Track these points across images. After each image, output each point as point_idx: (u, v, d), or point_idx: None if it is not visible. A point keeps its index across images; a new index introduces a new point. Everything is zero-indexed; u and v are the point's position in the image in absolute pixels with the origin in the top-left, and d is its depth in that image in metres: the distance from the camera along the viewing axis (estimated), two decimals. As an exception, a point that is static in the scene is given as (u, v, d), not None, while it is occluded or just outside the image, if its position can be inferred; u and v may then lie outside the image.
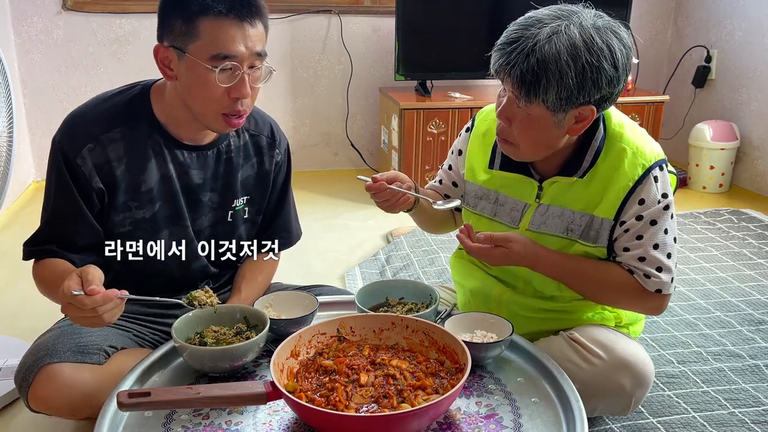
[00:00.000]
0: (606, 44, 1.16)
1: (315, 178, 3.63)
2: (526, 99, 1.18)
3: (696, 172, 3.53)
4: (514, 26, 1.19)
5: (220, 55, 1.21)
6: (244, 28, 1.22)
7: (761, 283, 2.36)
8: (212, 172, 1.39)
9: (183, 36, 1.21)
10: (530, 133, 1.23)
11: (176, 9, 1.22)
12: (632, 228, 1.29)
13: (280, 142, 1.49)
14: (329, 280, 2.36)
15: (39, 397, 1.22)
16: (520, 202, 1.38)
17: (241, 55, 1.22)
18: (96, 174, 1.28)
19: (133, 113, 1.31)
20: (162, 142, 1.32)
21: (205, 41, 1.21)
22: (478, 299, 1.48)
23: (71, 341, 1.27)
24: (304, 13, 3.48)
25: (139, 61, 3.34)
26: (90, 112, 1.32)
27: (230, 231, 1.45)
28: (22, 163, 3.21)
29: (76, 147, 1.27)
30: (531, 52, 1.14)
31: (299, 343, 1.17)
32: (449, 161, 1.55)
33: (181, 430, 1.06)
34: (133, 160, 1.30)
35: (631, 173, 1.27)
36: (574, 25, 1.16)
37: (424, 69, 3.32)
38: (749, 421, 1.55)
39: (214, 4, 1.20)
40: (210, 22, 1.20)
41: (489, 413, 1.10)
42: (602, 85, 1.17)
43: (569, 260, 1.33)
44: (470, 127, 1.50)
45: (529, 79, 1.15)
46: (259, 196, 1.48)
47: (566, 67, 1.14)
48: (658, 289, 1.29)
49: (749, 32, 3.44)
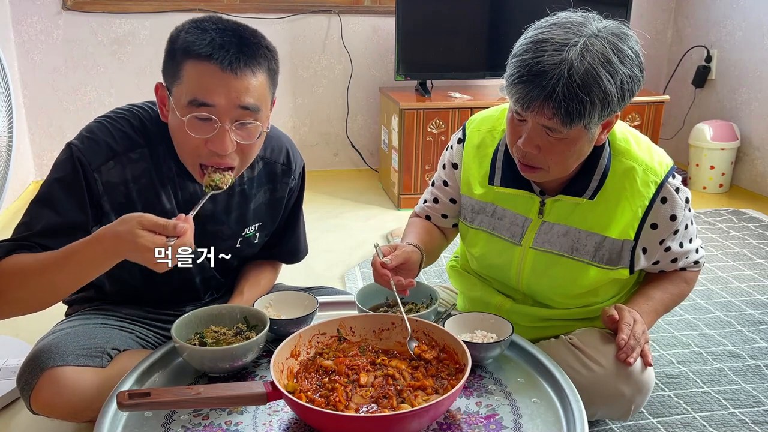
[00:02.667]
0: (631, 49, 1.13)
1: (315, 178, 3.63)
2: (567, 125, 1.12)
3: (696, 172, 3.53)
4: (531, 53, 1.11)
5: (195, 101, 1.12)
6: (226, 78, 1.11)
7: (761, 283, 2.35)
8: (223, 206, 1.35)
9: (170, 77, 1.15)
10: (564, 155, 1.19)
11: (168, 46, 1.16)
12: (673, 243, 1.34)
13: (296, 167, 1.43)
14: (329, 280, 2.36)
15: (41, 400, 1.21)
16: (520, 216, 1.36)
17: (220, 106, 1.12)
18: (107, 192, 1.22)
19: (153, 136, 1.25)
20: (175, 170, 1.27)
21: (186, 85, 1.12)
22: (478, 307, 1.48)
23: (74, 344, 1.26)
24: (304, 13, 3.48)
25: (138, 61, 3.34)
26: (113, 126, 1.24)
27: (237, 255, 1.43)
28: (22, 163, 3.21)
29: (97, 160, 1.21)
30: (570, 77, 1.08)
31: (299, 343, 1.17)
32: (443, 177, 1.48)
33: (181, 430, 1.06)
34: (149, 183, 1.25)
35: (645, 192, 1.27)
36: (595, 38, 1.11)
37: (424, 69, 3.32)
38: (749, 421, 1.55)
39: (196, 45, 1.10)
40: (192, 65, 1.11)
41: (489, 413, 1.10)
42: (635, 92, 1.16)
43: (657, 301, 1.39)
44: (462, 138, 1.44)
45: (574, 107, 1.09)
46: (270, 221, 1.45)
47: (608, 84, 1.10)
48: (695, 261, 1.44)
49: (749, 32, 3.44)
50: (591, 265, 1.31)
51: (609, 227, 1.29)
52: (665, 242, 1.33)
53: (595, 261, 1.31)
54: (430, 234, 1.48)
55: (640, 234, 1.29)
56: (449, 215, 1.50)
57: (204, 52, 1.10)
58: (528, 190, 1.33)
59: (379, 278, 1.24)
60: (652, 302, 1.38)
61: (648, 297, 1.39)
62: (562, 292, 1.37)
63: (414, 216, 1.56)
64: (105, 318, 1.36)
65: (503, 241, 1.38)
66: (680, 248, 1.36)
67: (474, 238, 1.43)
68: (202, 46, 1.10)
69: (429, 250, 1.41)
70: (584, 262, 1.32)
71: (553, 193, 1.32)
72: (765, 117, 3.39)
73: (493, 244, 1.40)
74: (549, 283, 1.36)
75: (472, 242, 1.45)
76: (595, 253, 1.31)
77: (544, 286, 1.38)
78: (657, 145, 1.35)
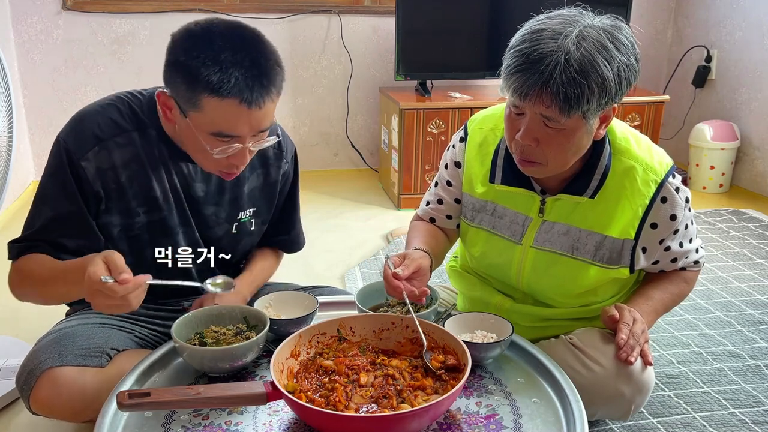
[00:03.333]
0: (626, 38, 1.14)
1: (315, 178, 3.63)
2: (565, 114, 1.11)
3: (696, 172, 3.53)
4: (528, 43, 1.11)
5: (221, 133, 1.15)
6: (251, 113, 1.13)
7: (761, 283, 2.36)
8: (216, 186, 1.36)
9: (185, 101, 1.14)
10: (563, 147, 1.18)
11: (181, 72, 1.12)
12: (673, 243, 1.34)
13: (287, 150, 1.46)
14: (329, 280, 2.36)
15: (41, 400, 1.21)
16: (520, 214, 1.35)
17: (244, 134, 1.16)
18: (98, 178, 1.24)
19: (142, 120, 1.27)
20: (167, 153, 1.29)
21: (207, 118, 1.14)
22: (478, 307, 1.47)
23: (73, 344, 1.26)
24: (304, 13, 3.48)
25: (138, 61, 3.34)
26: (98, 114, 1.26)
27: (235, 243, 1.44)
28: (22, 163, 3.21)
29: (82, 148, 1.23)
30: (567, 64, 1.08)
31: (299, 343, 1.17)
32: (447, 177, 1.47)
33: (181, 430, 1.06)
34: (141, 166, 1.27)
35: (646, 191, 1.27)
36: (591, 28, 1.12)
37: (424, 69, 3.32)
38: (749, 421, 1.55)
39: (222, 87, 1.09)
40: (216, 102, 1.11)
41: (489, 413, 1.10)
42: (632, 81, 1.16)
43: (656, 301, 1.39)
44: (464, 137, 1.44)
45: (572, 92, 1.09)
46: (266, 208, 1.46)
47: (606, 69, 1.10)
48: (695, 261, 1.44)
49: (749, 32, 3.44)
50: (591, 264, 1.31)
51: (609, 226, 1.29)
52: (665, 242, 1.33)
53: (596, 260, 1.31)
54: (436, 238, 1.47)
55: (640, 233, 1.29)
56: (454, 216, 1.49)
57: (232, 95, 1.10)
58: (529, 189, 1.33)
59: (392, 291, 1.22)
60: (652, 302, 1.38)
61: (648, 297, 1.39)
62: (563, 292, 1.37)
63: (416, 219, 1.55)
64: (104, 318, 1.36)
65: (504, 240, 1.38)
66: (680, 248, 1.36)
67: (474, 237, 1.43)
68: (228, 88, 1.10)
69: (436, 253, 1.40)
70: (585, 261, 1.32)
71: (554, 192, 1.32)
72: (765, 117, 3.39)
73: (493, 243, 1.40)
74: (549, 283, 1.36)
75: (472, 241, 1.45)
76: (595, 253, 1.31)
77: (544, 286, 1.38)
78: (657, 145, 1.35)
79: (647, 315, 1.35)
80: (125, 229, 1.31)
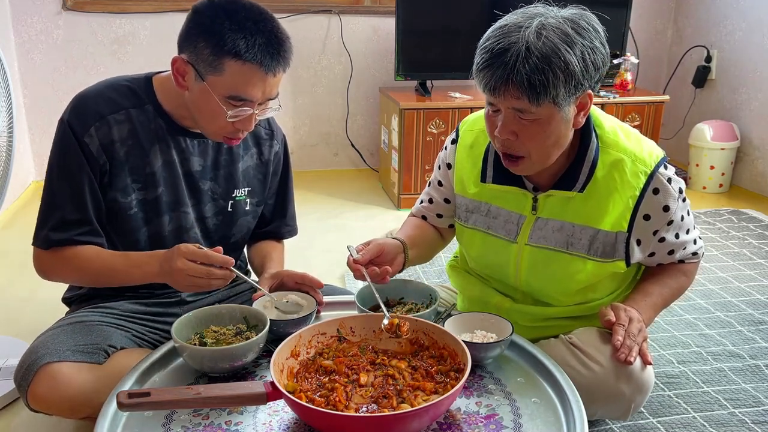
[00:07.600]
0: (590, 25, 1.17)
1: (315, 178, 3.63)
2: (535, 102, 1.14)
3: (696, 172, 3.53)
4: (492, 39, 1.16)
5: (237, 97, 1.24)
6: (266, 78, 1.24)
7: (761, 283, 2.36)
8: (212, 160, 1.42)
9: (206, 65, 1.22)
10: (540, 137, 1.20)
11: (207, 37, 1.21)
12: (668, 234, 1.33)
13: (277, 133, 1.53)
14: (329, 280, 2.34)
15: (38, 396, 1.22)
16: (514, 213, 1.36)
17: (257, 99, 1.25)
18: (103, 152, 1.30)
19: (139, 97, 1.34)
20: (165, 128, 1.35)
21: (227, 80, 1.22)
22: (478, 307, 1.48)
23: (71, 340, 1.27)
24: (304, 13, 3.48)
25: (139, 61, 3.34)
26: (97, 93, 1.34)
27: (231, 222, 1.47)
28: (22, 163, 3.21)
29: (85, 125, 1.29)
30: (528, 52, 1.11)
31: (299, 343, 1.17)
32: (438, 177, 1.50)
33: (181, 430, 1.06)
34: (138, 142, 1.33)
35: (635, 183, 1.27)
36: (553, 18, 1.16)
37: (424, 69, 3.32)
38: (749, 421, 1.55)
39: (247, 51, 1.20)
40: (239, 66, 1.21)
41: (489, 413, 1.10)
42: (599, 65, 1.17)
43: (655, 296, 1.39)
44: (455, 139, 1.46)
45: (537, 79, 1.11)
46: (260, 187, 1.51)
47: (567, 54, 1.12)
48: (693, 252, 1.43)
49: (749, 32, 3.44)
50: (587, 258, 1.32)
51: (601, 220, 1.29)
52: (659, 233, 1.33)
53: (590, 254, 1.31)
54: (422, 230, 1.51)
55: (633, 225, 1.29)
56: (444, 215, 1.51)
57: (255, 60, 1.21)
58: (521, 187, 1.34)
59: (356, 274, 1.29)
60: (650, 298, 1.38)
61: (646, 293, 1.39)
62: (561, 289, 1.37)
63: (410, 216, 1.58)
64: (102, 316, 1.37)
65: (499, 240, 1.39)
66: (676, 239, 1.36)
67: (470, 238, 1.44)
68: (253, 53, 1.20)
69: (416, 244, 1.44)
70: (580, 256, 1.32)
71: (546, 189, 1.33)
72: (765, 117, 3.39)
73: (489, 243, 1.40)
74: (547, 280, 1.37)
75: (468, 243, 1.45)
76: (589, 247, 1.31)
77: (542, 283, 1.38)
78: (657, 145, 1.35)
79: (645, 312, 1.35)
80: (124, 207, 1.34)
